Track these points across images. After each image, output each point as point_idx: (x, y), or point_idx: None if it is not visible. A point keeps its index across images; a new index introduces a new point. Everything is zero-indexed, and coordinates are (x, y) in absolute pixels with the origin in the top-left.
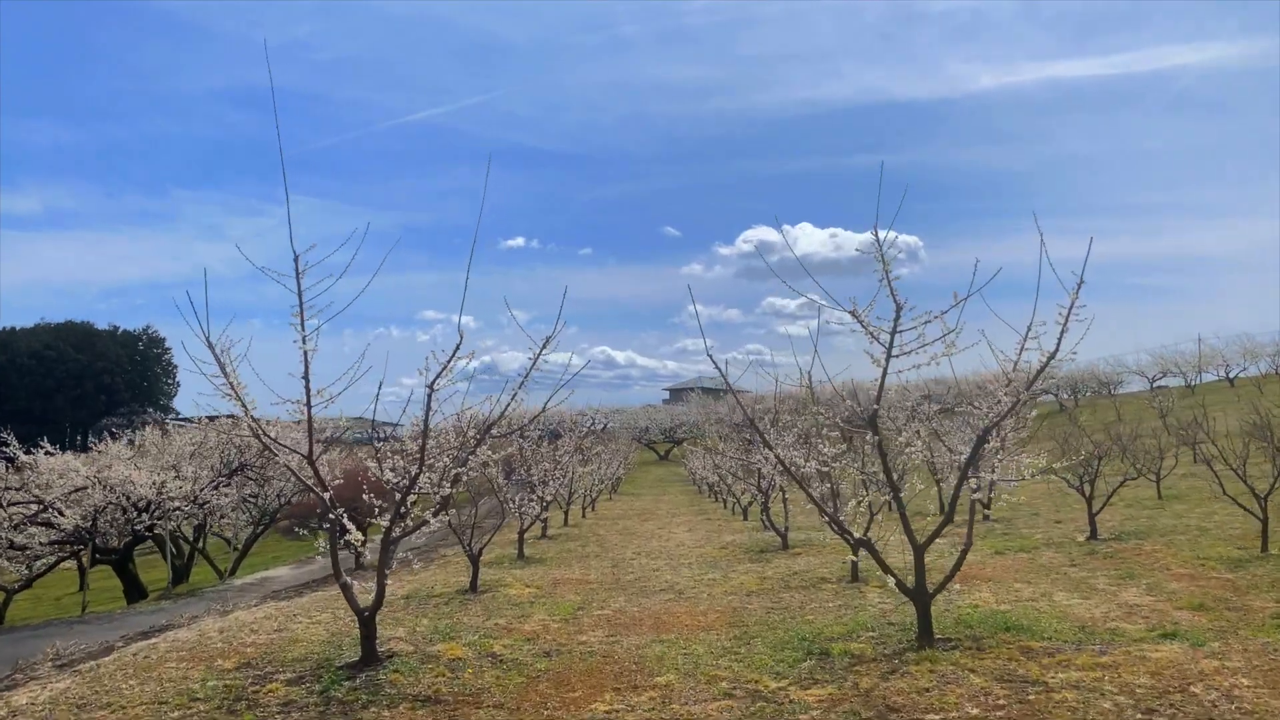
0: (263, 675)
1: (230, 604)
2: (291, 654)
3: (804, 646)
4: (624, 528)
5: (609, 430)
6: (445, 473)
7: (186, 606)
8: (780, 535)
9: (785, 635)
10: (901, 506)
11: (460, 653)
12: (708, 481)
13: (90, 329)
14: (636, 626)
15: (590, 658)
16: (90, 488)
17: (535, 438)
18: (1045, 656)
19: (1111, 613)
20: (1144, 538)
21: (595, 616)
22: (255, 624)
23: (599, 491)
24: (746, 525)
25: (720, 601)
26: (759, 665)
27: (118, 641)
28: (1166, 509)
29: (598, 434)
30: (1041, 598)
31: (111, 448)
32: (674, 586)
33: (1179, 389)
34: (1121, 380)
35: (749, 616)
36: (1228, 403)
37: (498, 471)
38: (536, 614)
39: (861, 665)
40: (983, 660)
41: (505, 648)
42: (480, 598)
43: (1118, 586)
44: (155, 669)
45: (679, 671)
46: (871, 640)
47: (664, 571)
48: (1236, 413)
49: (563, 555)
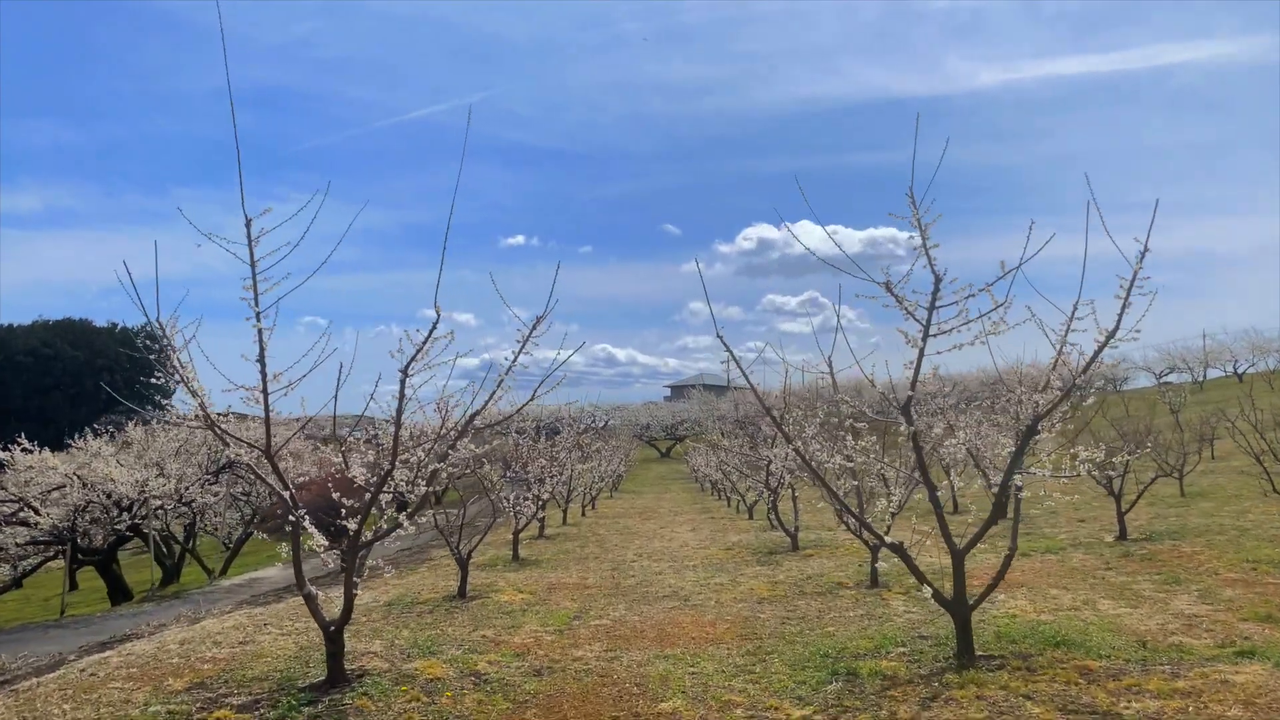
0: (213, 699)
1: (205, 610)
2: (252, 672)
3: (827, 665)
4: (624, 527)
5: (610, 427)
6: (422, 469)
7: (168, 609)
8: (790, 535)
9: (805, 651)
10: (938, 506)
11: (440, 671)
12: (711, 479)
13: (88, 326)
14: (638, 639)
15: (586, 677)
16: (68, 486)
17: (532, 433)
18: (1109, 680)
19: (1169, 624)
20: (1179, 538)
21: (593, 627)
22: (221, 634)
23: (599, 489)
24: (752, 524)
25: (729, 609)
26: (778, 688)
27: (71, 654)
28: (1193, 507)
29: (598, 431)
30: (1084, 606)
31: (92, 444)
32: (678, 592)
33: (1188, 385)
34: (1127, 376)
35: (762, 627)
36: (1238, 398)
37: (490, 468)
38: (528, 624)
39: (896, 689)
40: (1036, 684)
41: (491, 665)
42: (468, 605)
43: (1166, 593)
44: (97, 689)
45: (686, 696)
46: (904, 658)
47: (667, 575)
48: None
49: (560, 557)
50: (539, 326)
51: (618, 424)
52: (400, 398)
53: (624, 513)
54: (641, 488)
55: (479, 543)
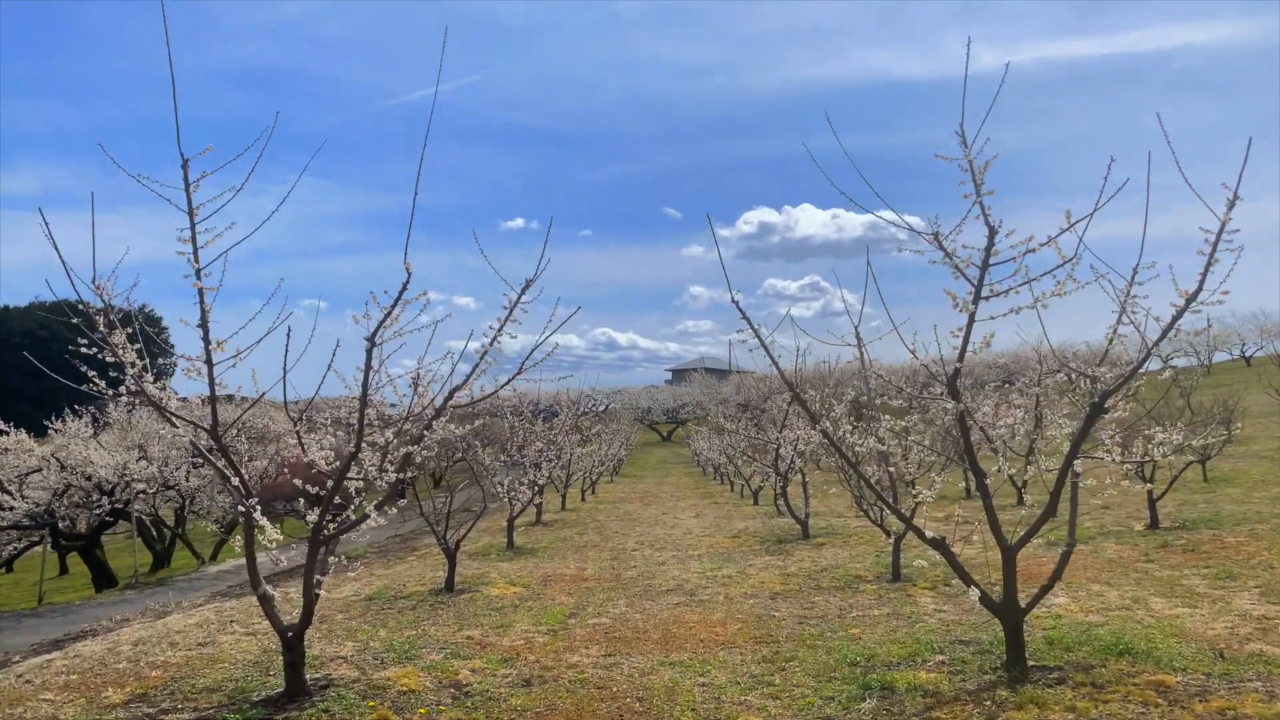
0: (152, 715)
1: (174, 603)
2: (203, 681)
3: (857, 676)
4: (625, 513)
5: (611, 411)
6: (391, 453)
7: (149, 597)
8: (800, 523)
9: (829, 658)
10: (987, 496)
11: (416, 681)
12: (714, 463)
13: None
14: (640, 641)
15: (580, 689)
16: (44, 469)
17: (529, 415)
18: (1195, 699)
19: (1239, 628)
20: (1216, 527)
21: (590, 627)
22: (182, 633)
23: (599, 474)
24: (758, 510)
25: (740, 607)
26: (803, 705)
27: (17, 656)
28: (1220, 493)
29: (598, 414)
30: (1135, 604)
31: (70, 426)
32: (683, 585)
33: (1198, 369)
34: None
35: (778, 628)
36: (1248, 381)
37: (485, 451)
38: (519, 623)
39: (941, 708)
40: (1107, 703)
41: (474, 673)
42: (456, 599)
43: (1223, 590)
44: (25, 702)
45: (696, 714)
46: (944, 668)
47: (671, 566)
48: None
49: (557, 545)
50: (528, 289)
51: (618, 407)
52: (366, 370)
53: (625, 497)
54: (643, 472)
55: (467, 533)
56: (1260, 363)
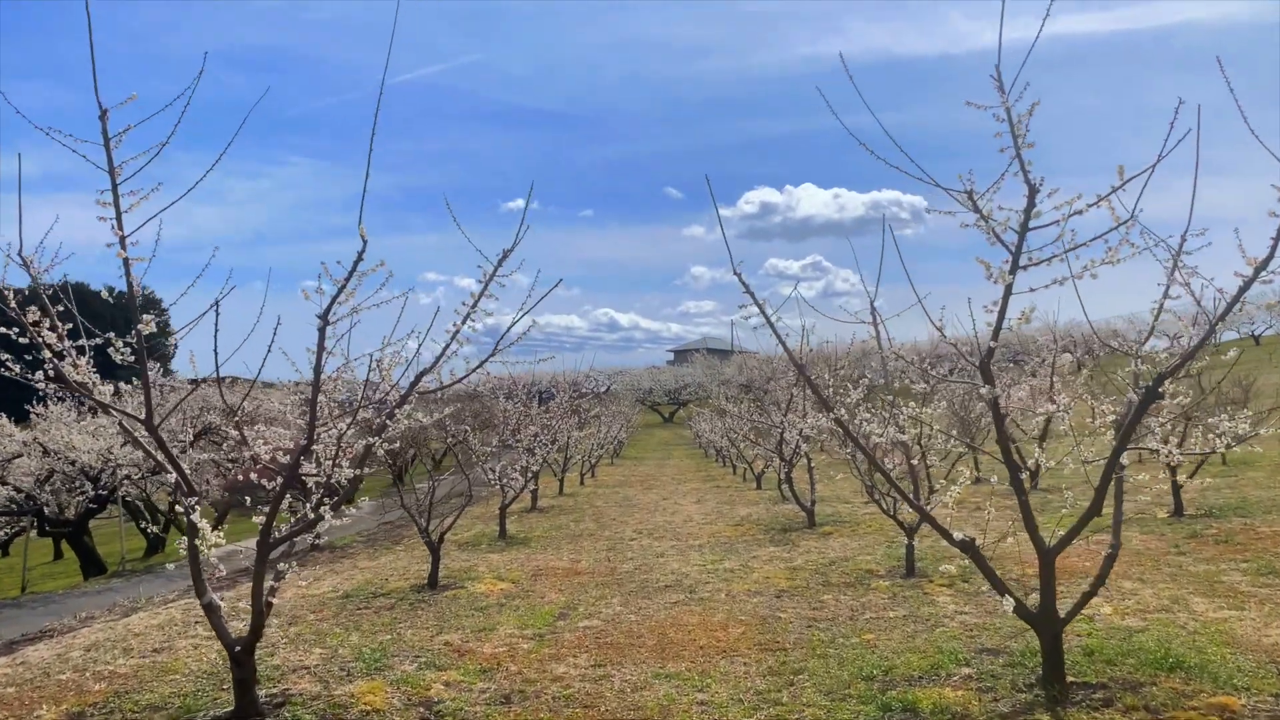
0: None
1: (144, 598)
2: (149, 696)
3: (874, 695)
4: (625, 498)
5: (612, 392)
6: (346, 446)
7: (134, 586)
8: (805, 510)
9: (842, 670)
10: (1021, 492)
11: (382, 699)
12: (716, 445)
13: (85, 290)
14: (633, 648)
15: (566, 707)
16: (27, 454)
17: (523, 398)
18: None
19: None
20: (1246, 514)
21: (580, 630)
22: (142, 635)
23: (599, 456)
24: (761, 495)
25: (743, 606)
26: None
27: None
28: (1241, 476)
29: (599, 396)
30: (1174, 605)
31: (52, 410)
32: (682, 581)
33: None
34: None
35: (785, 632)
36: (1259, 360)
37: (475, 436)
38: (504, 625)
39: None
40: None
41: (448, 688)
42: (438, 598)
43: (1269, 588)
44: None
45: None
46: (972, 683)
47: (669, 558)
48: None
49: (551, 534)
50: (508, 257)
51: (620, 388)
52: (319, 352)
53: (625, 481)
54: (644, 454)
55: (452, 524)
56: (1271, 341)
